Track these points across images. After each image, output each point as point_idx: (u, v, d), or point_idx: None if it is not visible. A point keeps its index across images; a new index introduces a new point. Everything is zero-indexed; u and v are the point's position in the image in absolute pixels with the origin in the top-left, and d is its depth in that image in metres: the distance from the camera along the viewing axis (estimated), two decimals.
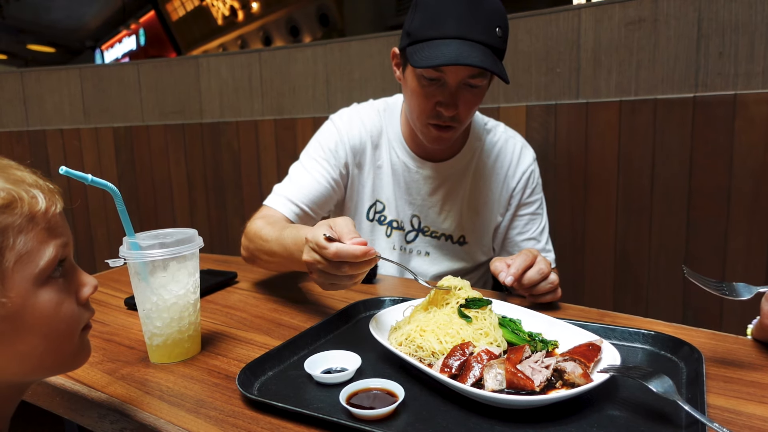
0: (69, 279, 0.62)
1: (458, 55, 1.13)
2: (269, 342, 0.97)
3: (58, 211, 0.60)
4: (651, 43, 1.69)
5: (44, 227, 0.58)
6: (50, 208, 0.58)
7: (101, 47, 8.28)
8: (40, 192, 0.58)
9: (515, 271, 1.07)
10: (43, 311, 0.58)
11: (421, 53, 1.16)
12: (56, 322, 0.59)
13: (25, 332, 0.57)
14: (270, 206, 1.35)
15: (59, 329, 0.60)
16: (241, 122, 2.51)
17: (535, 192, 1.48)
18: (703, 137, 1.65)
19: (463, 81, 1.20)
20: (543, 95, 1.87)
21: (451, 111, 1.23)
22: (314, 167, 1.40)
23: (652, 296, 1.78)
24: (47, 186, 0.60)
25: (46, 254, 0.57)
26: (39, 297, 0.57)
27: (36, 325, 0.58)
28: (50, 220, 0.58)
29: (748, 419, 0.69)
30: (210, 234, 2.64)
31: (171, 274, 0.88)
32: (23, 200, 0.56)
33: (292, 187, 1.37)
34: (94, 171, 2.66)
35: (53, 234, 0.59)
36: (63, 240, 0.60)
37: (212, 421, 0.72)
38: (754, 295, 0.82)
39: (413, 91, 1.26)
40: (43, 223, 0.57)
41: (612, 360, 0.78)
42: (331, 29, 5.43)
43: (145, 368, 0.89)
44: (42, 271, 0.57)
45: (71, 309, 0.62)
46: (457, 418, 0.71)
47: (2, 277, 0.55)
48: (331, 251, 0.86)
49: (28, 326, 0.57)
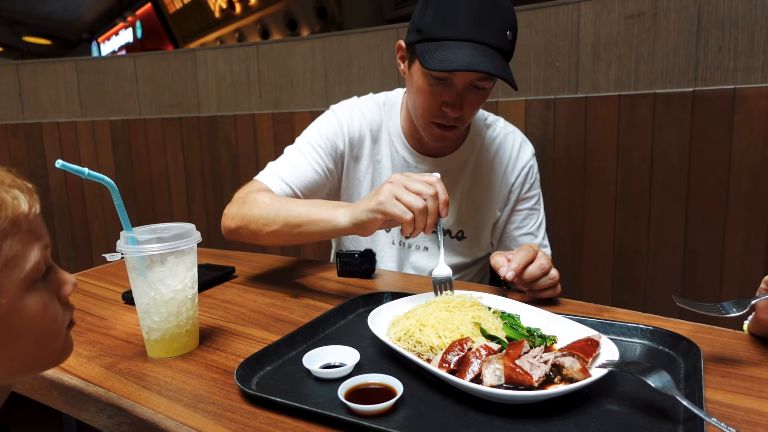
0: (51, 279, 0.61)
1: (471, 60, 1.11)
2: (267, 337, 0.97)
3: (38, 212, 0.59)
4: (650, 37, 1.68)
5: (27, 230, 0.56)
6: (32, 209, 0.57)
7: (98, 40, 8.23)
8: (21, 193, 0.56)
9: (516, 266, 1.06)
10: (32, 314, 0.57)
11: (433, 54, 1.14)
12: (44, 323, 0.59)
13: (15, 336, 0.57)
14: (262, 182, 1.33)
15: (47, 330, 0.60)
16: (239, 116, 2.50)
17: (534, 187, 1.48)
18: (702, 132, 1.64)
19: (470, 83, 1.20)
20: (542, 89, 1.87)
21: (457, 112, 1.22)
22: (310, 153, 1.39)
23: (650, 291, 1.79)
24: (26, 186, 0.58)
25: (32, 257, 0.56)
26: (27, 300, 0.57)
27: (25, 328, 0.57)
28: (32, 221, 0.57)
29: (745, 414, 0.70)
30: (208, 228, 2.64)
31: (169, 268, 0.87)
32: (6, 203, 0.54)
33: (287, 168, 1.36)
34: (90, 165, 2.65)
35: (36, 236, 0.58)
36: (44, 241, 0.59)
37: (210, 416, 0.72)
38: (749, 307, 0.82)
39: (419, 89, 1.24)
40: (26, 226, 0.56)
41: (610, 355, 0.78)
42: (329, 23, 5.40)
43: (142, 363, 0.88)
44: (28, 275, 0.56)
45: (56, 309, 0.61)
46: (455, 413, 0.71)
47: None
48: (437, 175, 1.02)
49: (18, 330, 0.57)
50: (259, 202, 1.24)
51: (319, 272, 1.36)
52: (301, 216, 1.15)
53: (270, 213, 1.21)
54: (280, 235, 1.21)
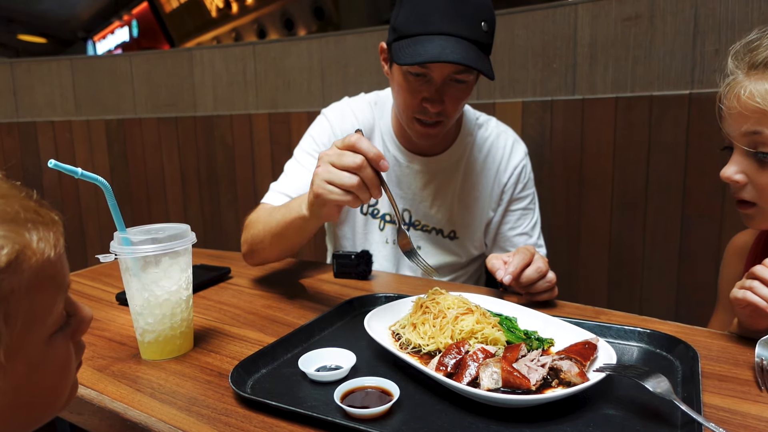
0: (70, 322, 0.51)
1: (441, 52, 1.12)
2: (263, 339, 0.96)
3: (62, 251, 0.47)
4: (647, 40, 1.68)
5: (50, 275, 0.44)
6: (57, 249, 0.45)
7: (93, 38, 8.19)
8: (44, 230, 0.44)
9: (513, 269, 1.06)
10: (50, 372, 0.48)
11: (405, 50, 1.16)
12: (60, 378, 0.50)
13: (32, 399, 0.48)
14: (267, 203, 1.35)
15: (61, 383, 0.51)
16: (235, 116, 2.49)
17: (527, 187, 1.48)
18: (698, 134, 1.65)
19: (448, 77, 1.20)
20: (539, 91, 1.87)
21: (437, 107, 1.23)
22: (308, 161, 1.40)
23: (647, 293, 1.79)
24: (49, 216, 0.46)
25: (55, 310, 0.46)
26: (47, 358, 0.47)
27: (42, 389, 0.48)
28: (56, 264, 0.45)
29: (743, 418, 0.69)
30: (203, 229, 2.63)
31: (163, 270, 0.86)
32: (31, 249, 0.42)
33: (288, 182, 1.38)
34: (85, 164, 2.64)
35: (59, 283, 0.46)
36: (66, 283, 0.48)
37: (204, 420, 0.71)
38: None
39: (399, 87, 1.26)
40: (51, 271, 0.44)
41: (608, 358, 0.77)
42: (326, 23, 5.39)
43: (136, 365, 0.88)
44: (49, 329, 0.46)
45: (70, 356, 0.51)
46: (452, 417, 0.70)
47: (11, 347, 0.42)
48: (354, 136, 0.92)
49: (36, 392, 0.48)
50: (253, 223, 1.26)
51: (316, 273, 1.35)
52: (279, 223, 1.16)
53: (259, 231, 1.22)
54: (276, 246, 1.22)
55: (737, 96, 0.90)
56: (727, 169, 0.95)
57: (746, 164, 0.93)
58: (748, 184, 0.94)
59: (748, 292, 0.84)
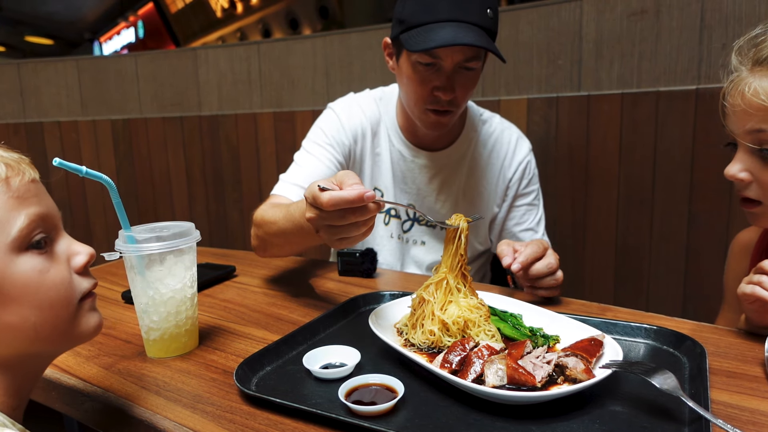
0: (56, 248, 0.63)
1: (454, 36, 1.14)
2: (268, 337, 0.96)
3: (26, 180, 0.60)
4: (653, 35, 1.67)
5: (12, 196, 0.58)
6: (14, 177, 0.59)
7: (99, 39, 8.23)
8: (2, 163, 0.59)
9: (524, 259, 1.04)
10: (25, 280, 0.58)
11: (417, 38, 1.17)
12: (44, 290, 0.59)
13: (8, 302, 0.57)
14: (278, 194, 1.33)
15: (49, 297, 0.60)
16: (240, 115, 2.49)
17: (532, 183, 1.47)
18: (705, 130, 1.63)
19: (458, 64, 1.21)
20: (544, 87, 1.86)
21: (449, 95, 1.23)
22: (319, 152, 1.39)
23: (653, 289, 1.77)
24: (12, 157, 0.61)
25: (17, 222, 0.58)
26: (17, 266, 0.57)
27: (20, 295, 0.58)
28: (18, 189, 0.59)
29: (751, 415, 0.69)
30: (209, 227, 2.63)
31: (168, 268, 0.87)
32: None
33: (299, 172, 1.36)
34: (91, 164, 2.65)
35: (24, 203, 0.59)
36: (37, 210, 0.60)
37: (209, 417, 0.71)
38: None
39: (409, 78, 1.26)
40: (10, 192, 0.58)
41: (614, 355, 0.77)
42: (330, 21, 5.39)
43: (141, 363, 0.88)
44: (15, 240, 0.57)
45: (60, 276, 0.61)
46: (457, 414, 0.70)
47: None
48: (324, 199, 0.81)
49: (11, 296, 0.57)
50: (264, 221, 1.22)
51: (320, 271, 1.35)
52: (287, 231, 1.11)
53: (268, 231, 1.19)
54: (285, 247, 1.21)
55: (741, 93, 0.89)
56: (731, 167, 0.94)
57: (751, 162, 0.91)
58: (753, 182, 0.92)
59: (757, 287, 0.83)
